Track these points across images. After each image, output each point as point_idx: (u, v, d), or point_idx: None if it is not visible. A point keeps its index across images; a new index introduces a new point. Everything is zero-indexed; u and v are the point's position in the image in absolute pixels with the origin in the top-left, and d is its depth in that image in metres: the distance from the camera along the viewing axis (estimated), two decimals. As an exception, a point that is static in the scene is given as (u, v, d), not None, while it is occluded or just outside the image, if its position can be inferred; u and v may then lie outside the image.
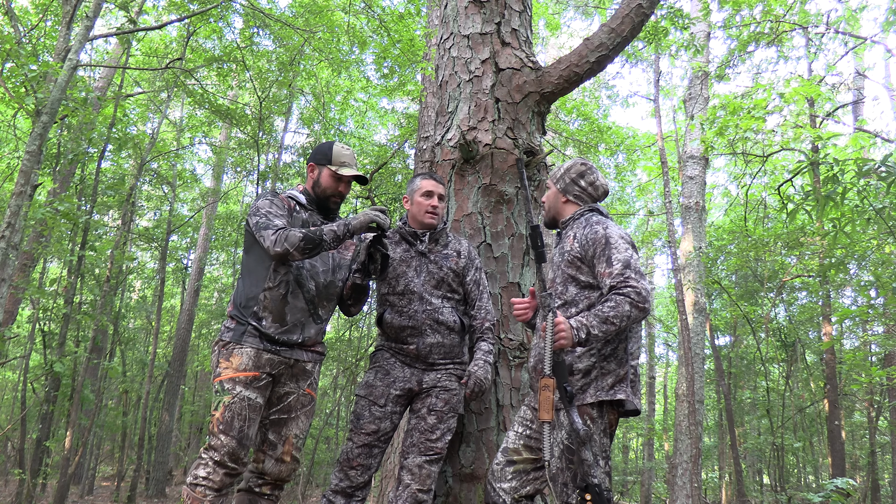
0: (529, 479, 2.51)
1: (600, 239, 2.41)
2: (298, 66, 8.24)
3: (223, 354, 2.61)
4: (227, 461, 2.49)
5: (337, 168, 2.78)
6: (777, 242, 8.81)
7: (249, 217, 2.70)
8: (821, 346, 10.59)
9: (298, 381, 2.74)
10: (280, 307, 2.66)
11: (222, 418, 2.51)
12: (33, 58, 5.37)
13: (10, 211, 4.06)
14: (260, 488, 2.70)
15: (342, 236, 2.63)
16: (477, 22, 3.66)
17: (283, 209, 2.73)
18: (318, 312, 2.78)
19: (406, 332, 2.89)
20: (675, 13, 7.18)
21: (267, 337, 2.63)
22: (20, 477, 7.29)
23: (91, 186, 8.08)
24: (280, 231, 2.57)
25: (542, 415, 2.18)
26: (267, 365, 2.62)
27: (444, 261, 2.96)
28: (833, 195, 4.92)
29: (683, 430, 9.14)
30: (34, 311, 8.49)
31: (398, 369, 2.89)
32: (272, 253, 2.56)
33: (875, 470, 9.94)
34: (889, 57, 12.90)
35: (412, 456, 2.77)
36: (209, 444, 2.53)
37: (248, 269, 2.74)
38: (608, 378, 2.39)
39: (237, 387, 2.55)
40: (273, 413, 2.70)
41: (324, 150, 2.83)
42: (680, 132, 11.88)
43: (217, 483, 2.48)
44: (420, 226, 2.99)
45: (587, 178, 2.65)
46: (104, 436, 12.52)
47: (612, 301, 2.27)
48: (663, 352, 20.68)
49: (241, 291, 2.73)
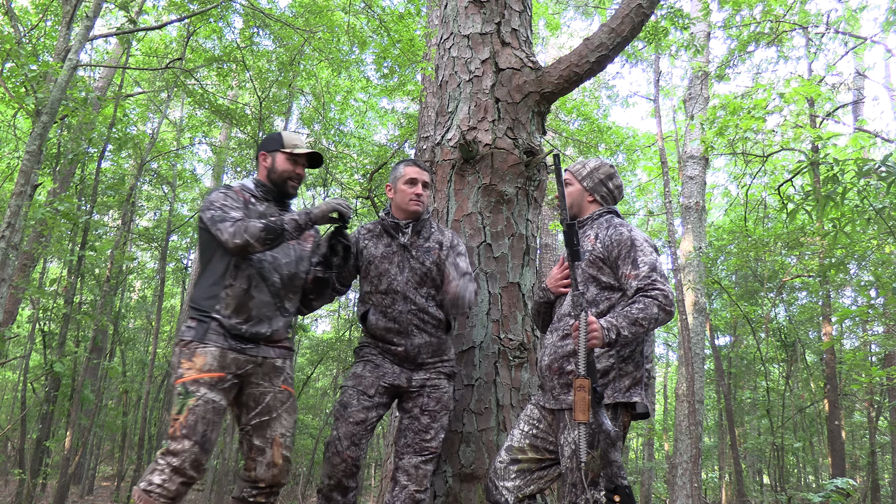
0: (533, 479, 2.50)
1: (625, 241, 2.42)
2: (298, 66, 8.24)
3: (185, 354, 2.47)
4: (188, 468, 2.35)
5: (291, 149, 2.71)
6: (777, 242, 8.80)
7: (203, 212, 2.57)
8: (821, 346, 10.59)
9: (272, 379, 2.62)
10: (244, 302, 2.55)
11: (185, 422, 2.37)
12: (33, 58, 5.36)
13: (10, 211, 4.06)
14: (255, 498, 2.59)
15: (304, 226, 2.55)
16: (477, 22, 3.66)
17: (239, 201, 2.62)
18: (285, 305, 2.68)
19: (392, 333, 2.83)
20: (675, 13, 7.17)
21: (233, 333, 2.51)
22: (20, 477, 7.29)
23: (91, 186, 8.08)
24: (238, 223, 2.47)
25: (577, 416, 2.16)
26: (233, 365, 2.49)
27: (427, 255, 2.88)
28: (833, 195, 4.92)
29: (683, 430, 9.14)
30: (34, 311, 8.49)
31: (388, 365, 2.85)
32: (231, 246, 2.45)
33: (875, 470, 9.93)
34: (889, 57, 12.90)
35: (407, 456, 2.75)
36: (169, 448, 2.37)
37: (206, 268, 2.61)
38: (625, 380, 2.39)
39: (201, 388, 2.41)
40: (254, 417, 2.59)
41: (273, 137, 2.77)
42: (680, 132, 11.87)
43: (172, 492, 2.34)
44: (404, 215, 2.91)
45: (615, 180, 2.67)
46: (104, 436, 12.52)
47: (640, 303, 2.28)
48: (663, 352, 20.67)
49: (199, 291, 2.59)
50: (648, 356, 2.48)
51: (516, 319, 3.31)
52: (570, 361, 2.43)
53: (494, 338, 3.24)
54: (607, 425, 2.22)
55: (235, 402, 2.60)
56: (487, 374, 3.19)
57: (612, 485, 2.24)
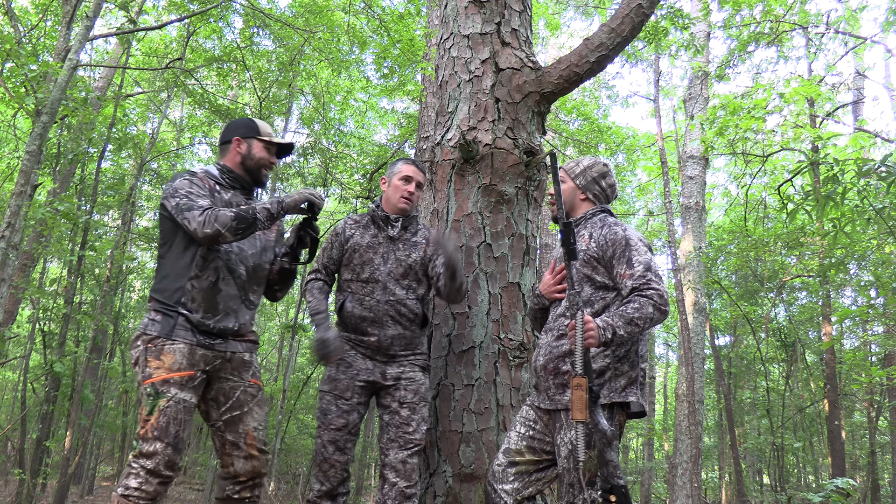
0: (532, 481, 2.49)
1: (620, 240, 2.42)
2: (298, 66, 8.24)
3: (152, 352, 2.37)
4: (162, 469, 2.31)
5: (268, 138, 2.66)
6: (777, 242, 8.80)
7: (166, 200, 2.45)
8: (821, 346, 10.59)
9: (241, 373, 2.56)
10: (211, 296, 2.46)
11: (157, 424, 2.31)
12: (33, 58, 5.36)
13: (10, 211, 4.06)
14: (239, 494, 2.53)
15: (276, 215, 2.48)
16: (477, 22, 3.66)
17: (205, 188, 2.51)
18: (250, 298, 2.61)
19: (366, 322, 2.83)
20: (675, 13, 7.17)
21: (201, 329, 2.43)
22: (20, 477, 7.28)
23: (91, 186, 8.08)
24: (207, 211, 2.36)
25: (574, 414, 2.16)
26: (201, 361, 2.42)
27: (413, 249, 2.92)
28: (833, 195, 4.92)
29: (683, 430, 9.14)
30: (34, 311, 8.49)
31: (360, 361, 2.84)
32: (201, 235, 2.35)
33: (875, 470, 9.93)
34: (889, 57, 12.90)
35: (393, 452, 2.74)
36: (141, 450, 2.32)
37: (169, 259, 2.49)
38: (621, 380, 2.39)
39: (172, 389, 2.34)
40: (225, 413, 2.52)
41: (246, 123, 2.69)
42: (680, 132, 11.87)
43: (151, 493, 2.30)
44: (393, 210, 2.94)
45: (608, 179, 2.66)
46: (104, 436, 12.51)
47: (635, 303, 2.28)
48: (663, 352, 20.67)
49: (163, 283, 2.47)
50: (643, 355, 2.48)
51: (516, 319, 3.31)
52: (565, 361, 2.42)
53: (494, 338, 3.24)
54: (604, 425, 2.22)
55: (203, 398, 2.53)
56: (487, 374, 3.19)
57: (609, 484, 2.24)
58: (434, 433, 3.18)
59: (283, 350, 13.14)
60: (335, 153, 9.68)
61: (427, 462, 3.16)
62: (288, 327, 9.37)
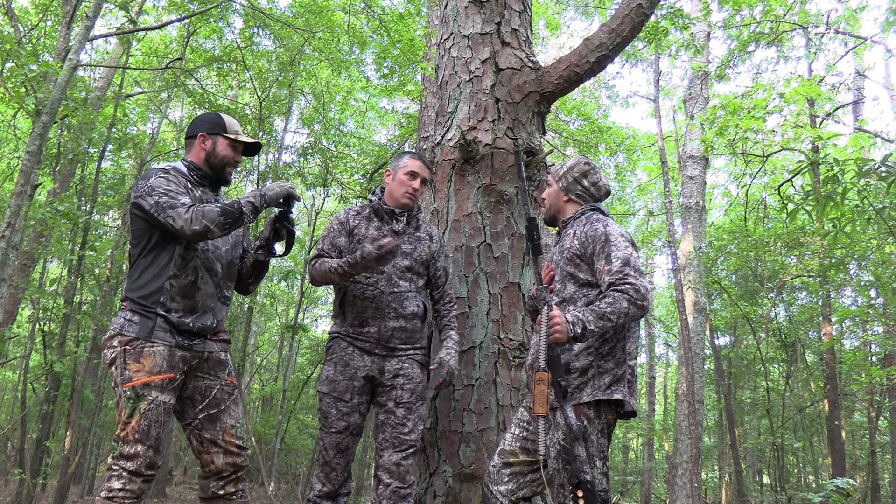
0: (526, 482, 2.48)
1: (600, 236, 2.40)
2: (298, 66, 8.24)
3: (131, 354, 2.34)
4: (144, 470, 2.32)
5: (235, 136, 2.61)
6: (777, 242, 8.80)
7: (141, 199, 2.39)
8: (821, 346, 10.59)
9: (217, 372, 2.56)
10: (190, 295, 2.45)
11: (138, 427, 2.31)
12: (33, 58, 5.36)
13: (10, 211, 4.06)
14: (224, 489, 2.53)
15: (259, 208, 2.46)
16: (477, 22, 3.66)
17: (181, 186, 2.46)
18: (225, 294, 2.60)
19: (368, 313, 2.80)
20: (675, 13, 7.18)
21: (180, 329, 2.41)
22: (20, 477, 7.28)
23: (91, 186, 8.07)
24: (192, 208, 2.33)
25: (536, 409, 2.15)
26: (181, 362, 2.42)
27: (418, 243, 2.91)
28: (833, 195, 4.92)
29: (683, 430, 9.14)
30: (34, 311, 8.49)
31: (357, 358, 2.81)
32: (189, 233, 2.31)
33: (875, 470, 9.93)
34: (889, 57, 12.90)
35: (387, 453, 2.73)
36: (122, 452, 2.32)
37: (146, 259, 2.44)
38: (605, 377, 2.37)
39: (152, 392, 2.33)
40: (202, 411, 2.52)
41: (213, 119, 2.62)
42: (680, 132, 11.88)
43: (136, 492, 2.31)
44: (395, 204, 2.93)
45: (590, 178, 2.62)
46: (104, 436, 12.51)
47: (609, 297, 2.26)
48: (663, 352, 20.69)
49: (138, 283, 2.42)
50: (631, 353, 2.46)
51: (516, 319, 3.31)
52: None
53: (494, 338, 3.24)
54: (571, 419, 2.20)
55: (178, 398, 2.52)
56: (487, 374, 3.19)
57: (576, 479, 2.21)
58: (434, 433, 3.18)
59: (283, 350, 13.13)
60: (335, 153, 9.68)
61: (427, 462, 3.16)
62: (288, 327, 9.37)
